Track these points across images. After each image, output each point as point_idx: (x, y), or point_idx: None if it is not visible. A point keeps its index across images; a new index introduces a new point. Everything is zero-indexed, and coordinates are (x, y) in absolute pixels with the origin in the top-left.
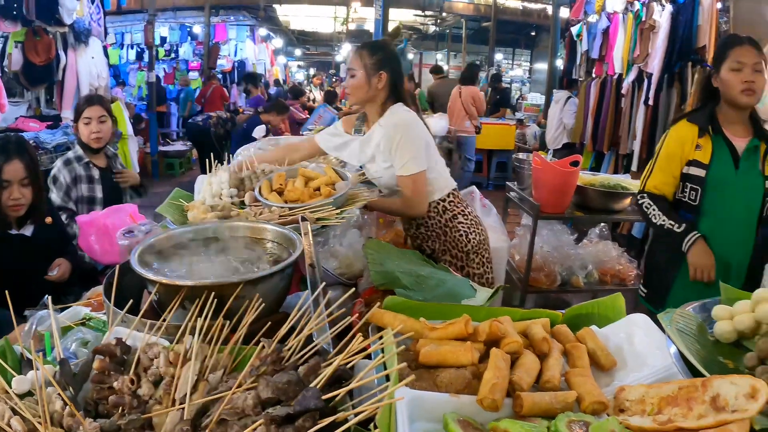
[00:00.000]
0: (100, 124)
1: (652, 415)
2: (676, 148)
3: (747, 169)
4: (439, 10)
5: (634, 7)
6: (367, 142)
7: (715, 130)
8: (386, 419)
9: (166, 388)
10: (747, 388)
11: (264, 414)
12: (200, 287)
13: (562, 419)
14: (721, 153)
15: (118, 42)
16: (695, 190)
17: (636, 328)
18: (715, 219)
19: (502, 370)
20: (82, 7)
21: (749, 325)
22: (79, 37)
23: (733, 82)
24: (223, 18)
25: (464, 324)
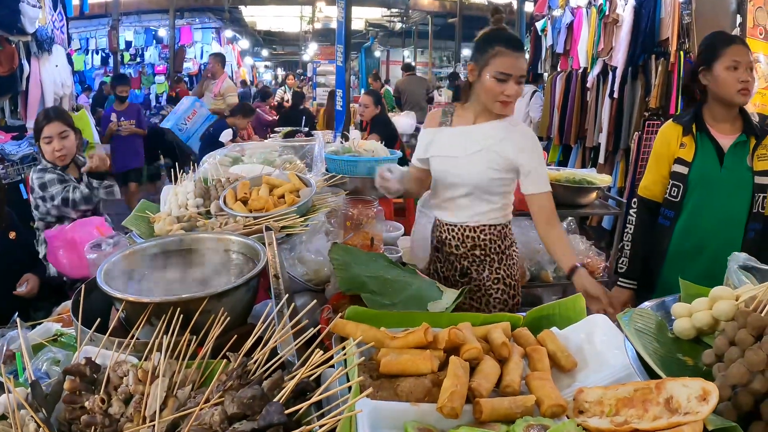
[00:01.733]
0: (63, 140)
1: (609, 416)
2: (662, 147)
3: (733, 166)
4: (404, 8)
5: (597, 2)
6: (473, 135)
7: (700, 128)
8: (347, 430)
9: (136, 406)
10: (699, 391)
11: (230, 429)
12: (166, 303)
13: (521, 424)
14: (704, 150)
15: (82, 47)
16: (677, 186)
17: (596, 328)
18: (698, 216)
19: (461, 378)
20: (45, 15)
21: (707, 322)
22: (42, 45)
23: (730, 81)
24: (188, 21)
25: (423, 332)
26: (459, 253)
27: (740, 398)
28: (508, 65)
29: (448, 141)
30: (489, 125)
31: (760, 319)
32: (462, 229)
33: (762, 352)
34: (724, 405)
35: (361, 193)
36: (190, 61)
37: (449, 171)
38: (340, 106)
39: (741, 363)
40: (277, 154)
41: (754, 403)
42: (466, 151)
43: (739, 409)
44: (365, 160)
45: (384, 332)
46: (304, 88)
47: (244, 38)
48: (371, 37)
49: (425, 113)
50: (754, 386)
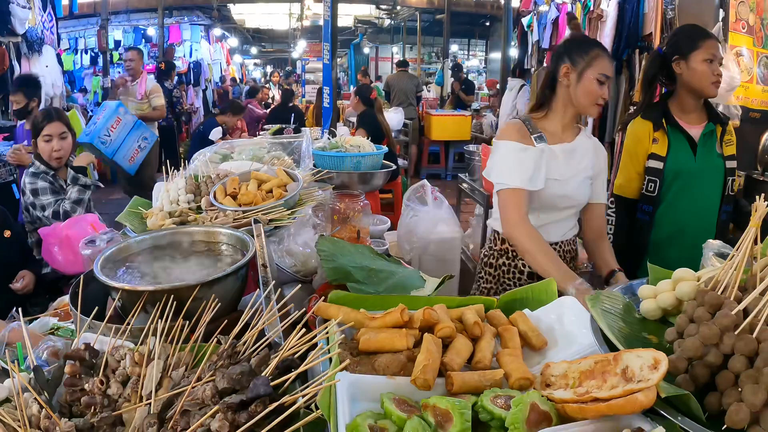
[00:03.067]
0: (61, 141)
1: (573, 388)
2: (634, 145)
3: (705, 155)
4: (392, 4)
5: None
6: (576, 154)
7: (669, 122)
8: (326, 401)
9: (134, 387)
10: (650, 360)
11: (221, 402)
12: (160, 291)
13: (488, 395)
14: (677, 144)
15: (71, 47)
16: (653, 182)
17: (566, 309)
18: (676, 207)
19: (434, 353)
20: (34, 15)
21: (671, 302)
22: (32, 46)
23: (707, 73)
24: (176, 19)
25: (400, 313)
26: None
27: (696, 370)
28: (608, 68)
29: (559, 162)
30: (581, 140)
31: (716, 297)
32: (565, 244)
33: (715, 326)
34: (682, 377)
35: (347, 187)
36: (179, 59)
37: (563, 195)
38: (327, 103)
39: (696, 337)
40: (266, 150)
41: (710, 375)
42: (574, 173)
43: (696, 381)
44: (351, 156)
45: (363, 313)
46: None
47: (233, 36)
48: (360, 34)
49: (413, 110)
50: (709, 359)
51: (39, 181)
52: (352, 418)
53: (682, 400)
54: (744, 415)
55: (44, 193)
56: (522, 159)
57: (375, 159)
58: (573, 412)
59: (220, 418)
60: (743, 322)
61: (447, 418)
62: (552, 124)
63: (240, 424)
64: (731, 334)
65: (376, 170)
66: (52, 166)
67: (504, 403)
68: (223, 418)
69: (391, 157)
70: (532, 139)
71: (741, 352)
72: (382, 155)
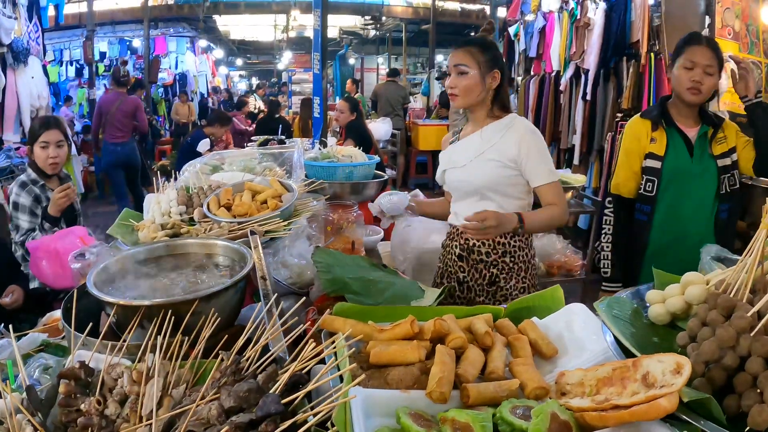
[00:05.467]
0: (58, 149)
1: (590, 396)
2: (632, 143)
3: (700, 155)
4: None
5: (568, 6)
6: (476, 141)
7: (668, 122)
8: (342, 418)
9: (132, 406)
10: (673, 365)
11: (228, 422)
12: (157, 306)
13: (506, 406)
14: (675, 143)
15: (57, 59)
16: (651, 181)
17: (574, 316)
18: (675, 207)
19: (448, 365)
20: (20, 26)
21: (680, 306)
22: (18, 57)
23: (682, 79)
24: (162, 31)
25: (410, 324)
26: (489, 261)
27: (713, 374)
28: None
29: (457, 154)
30: (490, 127)
31: (729, 300)
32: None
33: (732, 329)
34: (699, 381)
35: (340, 198)
36: (164, 71)
37: (462, 179)
38: (317, 113)
39: (712, 340)
40: (257, 161)
41: (726, 378)
42: (469, 158)
43: (713, 384)
44: (344, 166)
45: (372, 325)
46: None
47: (219, 48)
48: (345, 45)
49: (401, 120)
50: (726, 362)
51: (23, 194)
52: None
53: (703, 404)
54: (767, 415)
55: (23, 211)
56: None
57: (367, 169)
58: (593, 420)
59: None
60: (758, 324)
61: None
62: (471, 124)
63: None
64: (747, 336)
65: (368, 180)
66: (46, 174)
67: (523, 413)
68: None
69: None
70: (449, 144)
71: (758, 354)
72: (374, 165)
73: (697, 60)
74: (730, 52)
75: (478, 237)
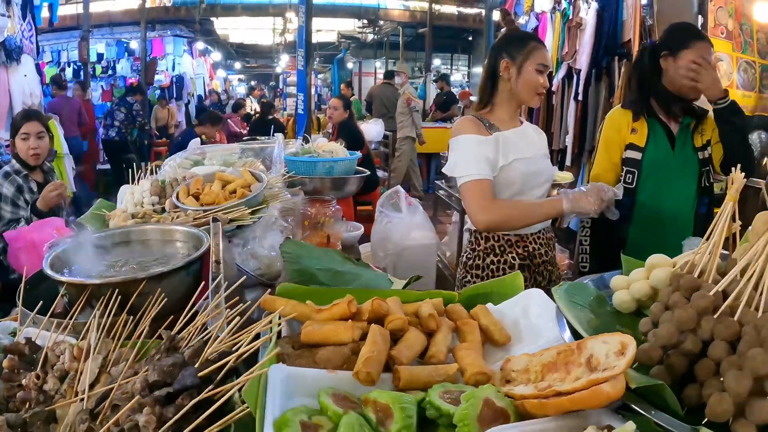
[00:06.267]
0: (38, 140)
1: (535, 382)
2: (612, 133)
3: (682, 147)
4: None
5: (561, 6)
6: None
7: (650, 113)
8: (254, 393)
9: (70, 382)
10: (617, 345)
11: (149, 396)
12: (106, 285)
13: (437, 389)
14: (656, 135)
15: (54, 60)
16: (632, 173)
17: (531, 302)
18: (655, 200)
19: (379, 345)
20: (14, 24)
21: (646, 292)
22: (10, 54)
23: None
24: (159, 33)
25: (347, 304)
26: (548, 259)
27: (673, 360)
28: (545, 58)
29: (518, 143)
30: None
31: (692, 281)
32: (545, 232)
33: (691, 309)
34: (657, 368)
35: (320, 193)
36: (161, 73)
37: (535, 171)
38: (301, 110)
39: (670, 322)
40: (237, 156)
41: (688, 365)
42: (534, 151)
43: (673, 371)
44: (324, 161)
45: (310, 305)
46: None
47: (217, 50)
48: (343, 49)
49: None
50: (686, 346)
51: (6, 184)
52: (283, 412)
53: (657, 393)
54: (727, 405)
55: (5, 201)
56: (481, 150)
57: (348, 164)
58: (534, 408)
59: (147, 412)
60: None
61: (388, 414)
62: (498, 116)
63: (167, 419)
64: (710, 318)
65: (349, 175)
66: (29, 165)
67: (454, 398)
68: (150, 412)
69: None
70: (486, 129)
71: (721, 337)
72: (355, 161)
73: (705, 55)
74: (723, 52)
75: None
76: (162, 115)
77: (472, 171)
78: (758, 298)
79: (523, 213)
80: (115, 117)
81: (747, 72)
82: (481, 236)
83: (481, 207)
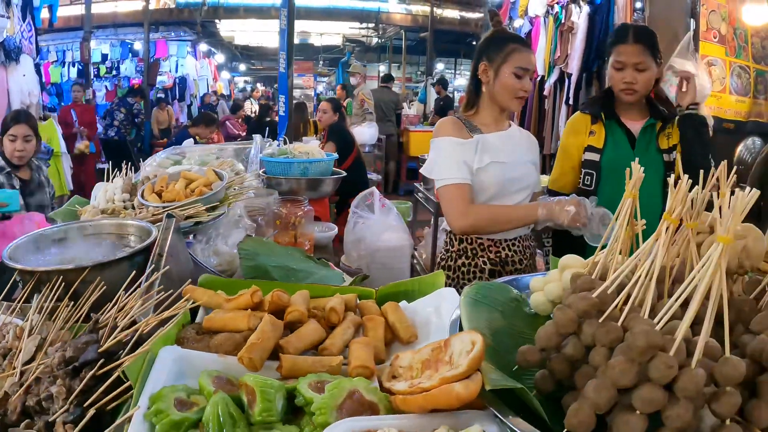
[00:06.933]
0: (25, 143)
1: (414, 379)
2: (569, 138)
3: (644, 149)
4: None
5: (553, 10)
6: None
7: (609, 115)
8: (137, 369)
9: (10, 359)
10: (468, 344)
11: (61, 370)
12: (52, 272)
13: (310, 378)
14: (615, 136)
15: (59, 60)
16: (590, 174)
17: (443, 301)
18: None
19: (267, 333)
20: (13, 25)
21: (558, 294)
22: (9, 54)
23: (615, 80)
24: (163, 34)
25: (251, 295)
26: (522, 268)
27: (554, 365)
28: (525, 60)
29: (498, 147)
30: (514, 129)
31: (588, 282)
32: (522, 240)
33: (570, 310)
34: (540, 374)
35: (296, 193)
36: (164, 74)
37: (511, 178)
38: (282, 112)
39: (549, 324)
40: (215, 156)
41: (571, 371)
42: (515, 157)
43: (555, 376)
44: (299, 162)
45: (222, 296)
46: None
47: (220, 52)
48: (348, 53)
49: (392, 126)
50: (567, 351)
51: None
52: (161, 389)
53: (523, 396)
54: (584, 416)
55: None
56: (461, 153)
57: (323, 165)
58: (400, 404)
59: (59, 384)
60: (608, 307)
61: (254, 397)
62: (482, 119)
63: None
64: (593, 322)
65: (324, 176)
66: (13, 163)
67: (323, 387)
68: (61, 384)
69: (360, 171)
70: (467, 132)
71: (602, 343)
72: (331, 162)
73: (624, 60)
74: (716, 57)
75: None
76: (162, 118)
77: (449, 174)
78: (645, 300)
79: (499, 218)
80: (115, 117)
81: (741, 77)
82: (456, 238)
83: (459, 211)
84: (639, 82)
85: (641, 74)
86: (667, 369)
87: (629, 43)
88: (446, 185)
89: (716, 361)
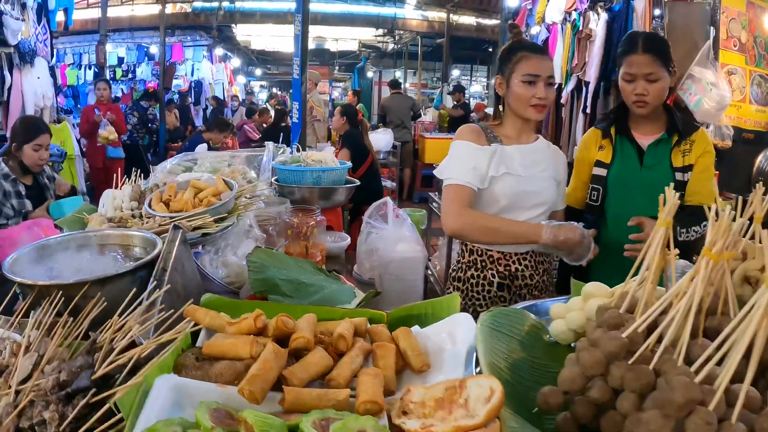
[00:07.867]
0: (46, 152)
1: (427, 417)
2: (581, 153)
3: (653, 165)
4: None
5: (571, 17)
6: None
7: (619, 130)
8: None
9: (6, 377)
10: (486, 390)
11: (53, 395)
12: (53, 286)
13: (315, 415)
14: (623, 151)
15: (75, 62)
16: (597, 190)
17: (457, 327)
18: (619, 217)
19: (269, 363)
20: (28, 27)
21: (581, 323)
22: (24, 57)
23: (626, 93)
24: (179, 38)
25: (254, 319)
26: (533, 284)
27: (578, 409)
28: (534, 66)
29: (516, 159)
30: (539, 144)
31: (616, 316)
32: (535, 255)
33: (598, 351)
34: (563, 417)
35: (308, 202)
36: (180, 77)
37: (526, 191)
38: (296, 119)
39: (574, 365)
40: (227, 163)
41: (596, 416)
42: (534, 171)
43: (579, 421)
44: (312, 170)
45: (224, 318)
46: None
47: (236, 57)
48: (364, 58)
49: (408, 133)
50: (593, 394)
51: None
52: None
53: None
54: None
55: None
56: (474, 157)
57: (337, 174)
58: None
59: (52, 409)
60: (640, 348)
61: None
62: (507, 130)
63: (66, 417)
64: (621, 364)
65: (338, 185)
66: (30, 171)
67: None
68: (54, 410)
69: (375, 179)
70: (486, 140)
71: (631, 388)
72: (345, 170)
73: (634, 71)
74: (736, 66)
75: None
76: (170, 120)
77: (455, 175)
78: (680, 341)
79: (496, 229)
80: (128, 121)
81: (761, 86)
82: (467, 249)
83: (452, 212)
84: (651, 94)
85: (653, 85)
86: (706, 426)
87: (639, 53)
88: (449, 185)
89: (756, 413)
